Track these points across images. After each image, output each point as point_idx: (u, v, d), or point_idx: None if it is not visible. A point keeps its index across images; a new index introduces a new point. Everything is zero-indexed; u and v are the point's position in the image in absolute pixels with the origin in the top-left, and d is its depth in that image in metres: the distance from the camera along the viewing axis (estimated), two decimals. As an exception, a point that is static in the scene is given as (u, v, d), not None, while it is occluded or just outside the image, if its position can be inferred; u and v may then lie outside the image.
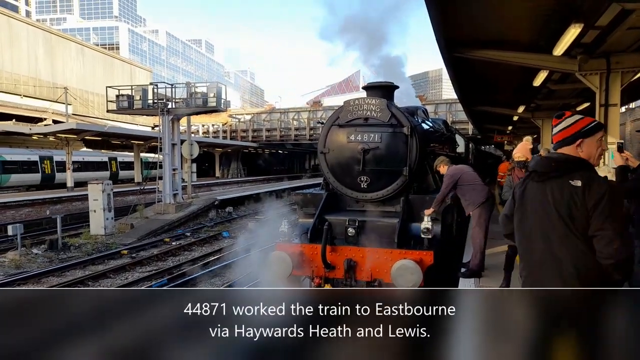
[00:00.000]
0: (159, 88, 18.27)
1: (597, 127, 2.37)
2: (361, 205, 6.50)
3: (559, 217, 2.26)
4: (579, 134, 2.34)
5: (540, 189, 2.35)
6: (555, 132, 2.44)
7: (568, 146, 2.36)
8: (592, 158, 2.34)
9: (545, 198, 2.31)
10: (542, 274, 2.35)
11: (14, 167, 26.24)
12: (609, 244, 2.15)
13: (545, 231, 2.32)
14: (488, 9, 7.08)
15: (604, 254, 2.17)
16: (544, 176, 2.35)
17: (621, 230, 2.20)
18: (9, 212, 18.13)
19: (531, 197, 2.39)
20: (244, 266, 10.86)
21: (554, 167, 2.32)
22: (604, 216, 2.16)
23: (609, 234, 2.15)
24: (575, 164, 2.30)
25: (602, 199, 2.16)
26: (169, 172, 17.82)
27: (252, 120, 43.76)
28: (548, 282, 2.32)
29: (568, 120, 2.40)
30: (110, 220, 15.21)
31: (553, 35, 7.64)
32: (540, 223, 2.33)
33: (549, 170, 2.34)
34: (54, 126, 23.88)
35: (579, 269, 2.24)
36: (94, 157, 32.41)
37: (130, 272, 10.75)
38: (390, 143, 6.12)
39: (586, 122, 2.37)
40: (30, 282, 9.77)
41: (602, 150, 2.38)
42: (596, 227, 2.18)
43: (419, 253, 5.32)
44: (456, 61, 9.66)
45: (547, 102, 15.50)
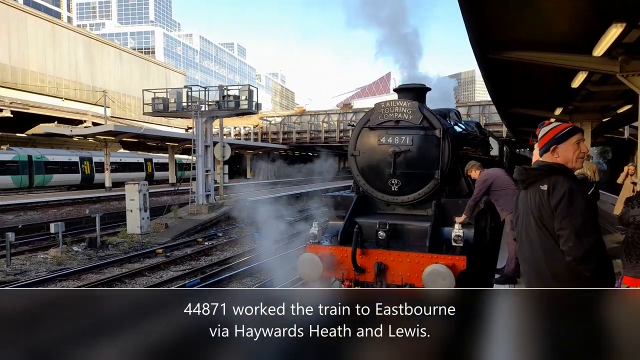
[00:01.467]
0: (193, 91, 18.70)
1: (570, 133, 2.54)
2: (392, 208, 6.47)
3: (534, 220, 2.49)
4: (552, 141, 2.54)
5: (524, 196, 2.58)
6: (538, 141, 2.66)
7: (546, 153, 2.56)
8: (569, 162, 2.51)
9: (527, 203, 2.54)
10: (528, 274, 2.61)
11: (55, 167, 27.40)
12: (566, 242, 2.33)
13: (528, 234, 2.54)
14: (524, 9, 6.92)
15: (565, 252, 2.35)
16: (523, 184, 2.58)
17: (579, 228, 2.33)
18: (51, 211, 18.94)
19: (520, 203, 2.63)
20: (275, 267, 11.00)
21: (529, 174, 2.55)
22: (562, 216, 2.34)
23: (566, 233, 2.33)
24: (547, 170, 2.49)
25: (562, 200, 2.34)
26: (202, 173, 18.19)
27: (282, 122, 44.14)
28: (534, 281, 2.57)
29: (544, 129, 2.61)
30: (145, 220, 15.65)
31: (593, 36, 7.40)
32: (525, 227, 2.56)
33: (525, 178, 2.56)
34: (93, 128, 24.77)
35: (552, 267, 2.44)
36: (131, 158, 33.44)
37: (164, 271, 11.04)
38: (422, 146, 6.07)
39: (560, 129, 2.56)
40: (70, 278, 10.17)
41: (581, 153, 2.52)
42: (557, 226, 2.37)
43: (451, 258, 5.25)
44: (490, 63, 9.48)
45: (587, 104, 14.97)
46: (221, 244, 14.20)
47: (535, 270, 2.54)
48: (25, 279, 10.03)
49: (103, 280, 9.81)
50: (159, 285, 9.58)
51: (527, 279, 2.66)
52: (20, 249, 13.24)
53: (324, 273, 5.63)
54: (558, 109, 15.74)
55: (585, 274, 2.36)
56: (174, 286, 9.35)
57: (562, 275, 2.42)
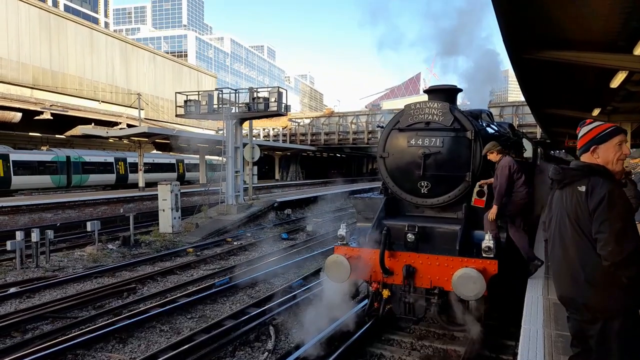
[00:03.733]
0: (224, 93, 19.00)
1: (612, 133, 2.45)
2: (421, 210, 6.40)
3: (569, 222, 2.43)
4: (593, 141, 2.46)
5: (560, 196, 2.52)
6: (577, 140, 2.58)
7: (585, 153, 2.49)
8: (609, 163, 2.43)
9: (562, 204, 2.49)
10: (560, 276, 2.54)
11: (92, 167, 28.38)
12: (604, 246, 2.26)
13: (562, 235, 2.49)
14: (559, 8, 6.72)
15: (602, 256, 2.28)
16: (559, 184, 2.52)
17: (619, 232, 2.25)
18: (88, 210, 19.60)
19: (554, 204, 2.58)
20: (303, 267, 11.04)
21: (566, 174, 2.48)
22: (601, 219, 2.28)
23: (605, 237, 2.26)
24: (586, 170, 2.42)
25: (601, 203, 2.28)
26: (232, 174, 18.45)
27: (311, 124, 44.33)
28: (564, 283, 2.51)
29: (585, 129, 2.53)
30: (177, 220, 16.00)
31: (633, 34, 7.12)
32: (559, 228, 2.51)
33: (562, 178, 2.50)
34: (128, 130, 25.49)
35: (587, 272, 2.37)
36: (163, 159, 34.28)
37: (195, 270, 11.24)
38: (452, 148, 5.99)
39: (602, 129, 2.48)
40: (105, 275, 10.49)
41: (622, 155, 2.44)
42: (595, 230, 2.30)
43: (482, 262, 5.14)
44: (524, 62, 9.25)
45: (627, 105, 14.39)
46: (249, 244, 14.36)
47: (569, 274, 2.46)
48: (63, 275, 10.41)
49: (136, 278, 10.07)
50: (190, 284, 9.76)
51: (559, 281, 2.58)
52: (58, 246, 13.76)
53: (351, 275, 5.61)
54: (596, 109, 15.21)
55: (624, 280, 2.27)
56: (204, 284, 9.50)
57: (598, 280, 2.35)
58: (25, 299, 8.77)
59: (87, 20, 48.08)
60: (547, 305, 4.78)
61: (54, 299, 8.65)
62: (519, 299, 5.25)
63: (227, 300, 8.77)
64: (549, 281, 5.61)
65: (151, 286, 9.78)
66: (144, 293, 9.19)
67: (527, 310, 4.63)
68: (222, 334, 6.78)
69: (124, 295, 8.99)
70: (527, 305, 4.76)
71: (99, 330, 6.85)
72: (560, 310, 4.50)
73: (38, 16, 32.96)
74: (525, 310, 4.63)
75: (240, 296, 9.00)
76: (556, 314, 4.48)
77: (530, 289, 5.33)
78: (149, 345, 6.69)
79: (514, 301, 5.72)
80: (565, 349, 3.65)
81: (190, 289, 9.24)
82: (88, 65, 37.41)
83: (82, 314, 7.94)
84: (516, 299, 5.56)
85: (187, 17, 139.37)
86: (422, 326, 6.64)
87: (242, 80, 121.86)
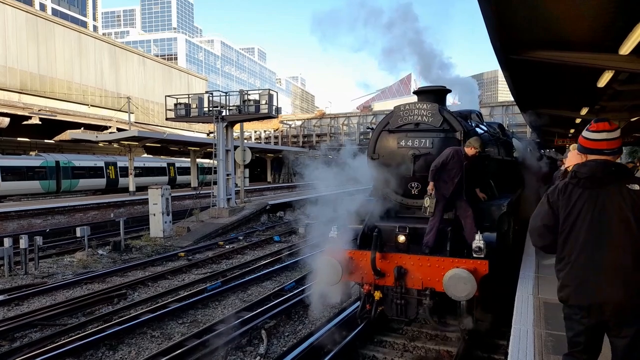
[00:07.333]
0: (214, 96, 18.95)
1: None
2: (412, 212, 6.40)
3: (619, 222, 2.27)
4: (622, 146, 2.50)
5: (593, 196, 2.35)
6: (609, 139, 2.44)
7: (615, 155, 2.44)
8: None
9: (602, 204, 2.32)
10: (599, 281, 2.31)
11: (82, 172, 28.11)
12: None
13: (602, 238, 2.31)
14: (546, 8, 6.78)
15: None
16: (599, 182, 2.35)
17: None
18: (77, 215, 19.40)
19: (582, 204, 2.37)
20: (295, 270, 11.01)
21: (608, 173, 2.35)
22: None
23: None
24: (627, 170, 2.41)
25: None
26: (223, 177, 18.38)
27: (302, 125, 44.29)
28: (608, 289, 2.29)
29: (618, 132, 2.49)
30: (168, 224, 15.89)
31: (619, 34, 7.19)
32: (599, 229, 2.32)
33: (608, 175, 2.35)
34: (118, 134, 25.32)
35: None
36: (154, 163, 34.07)
37: (186, 274, 11.16)
38: (442, 148, 5.98)
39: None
40: (96, 281, 10.38)
41: None
42: None
43: (473, 262, 5.14)
44: (512, 63, 9.31)
45: (614, 104, 14.54)
46: (241, 247, 14.29)
47: (620, 279, 2.26)
48: (53, 282, 10.29)
49: (127, 283, 9.97)
50: (181, 288, 9.68)
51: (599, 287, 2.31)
52: (47, 253, 13.60)
53: (343, 277, 5.59)
54: (584, 108, 15.34)
55: None
56: (196, 289, 9.43)
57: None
58: (13, 307, 8.65)
59: (76, 23, 47.74)
60: (537, 304, 4.80)
61: (43, 306, 8.53)
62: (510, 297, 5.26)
63: (219, 304, 8.71)
64: (539, 280, 5.64)
65: (142, 291, 9.69)
66: (135, 299, 9.11)
67: (518, 309, 4.64)
68: (214, 339, 6.72)
69: (115, 301, 8.90)
70: (518, 305, 4.78)
71: (88, 337, 6.77)
72: (550, 309, 4.52)
73: (25, 20, 32.66)
74: (516, 309, 4.65)
75: (232, 300, 8.95)
76: (546, 313, 4.50)
77: (521, 288, 5.35)
78: (140, 352, 6.62)
79: (505, 300, 5.74)
80: (555, 348, 3.66)
81: (182, 294, 9.17)
82: (77, 69, 37.11)
83: (72, 321, 7.84)
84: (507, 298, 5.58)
85: (176, 20, 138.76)
86: (415, 327, 6.64)
87: (233, 83, 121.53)
